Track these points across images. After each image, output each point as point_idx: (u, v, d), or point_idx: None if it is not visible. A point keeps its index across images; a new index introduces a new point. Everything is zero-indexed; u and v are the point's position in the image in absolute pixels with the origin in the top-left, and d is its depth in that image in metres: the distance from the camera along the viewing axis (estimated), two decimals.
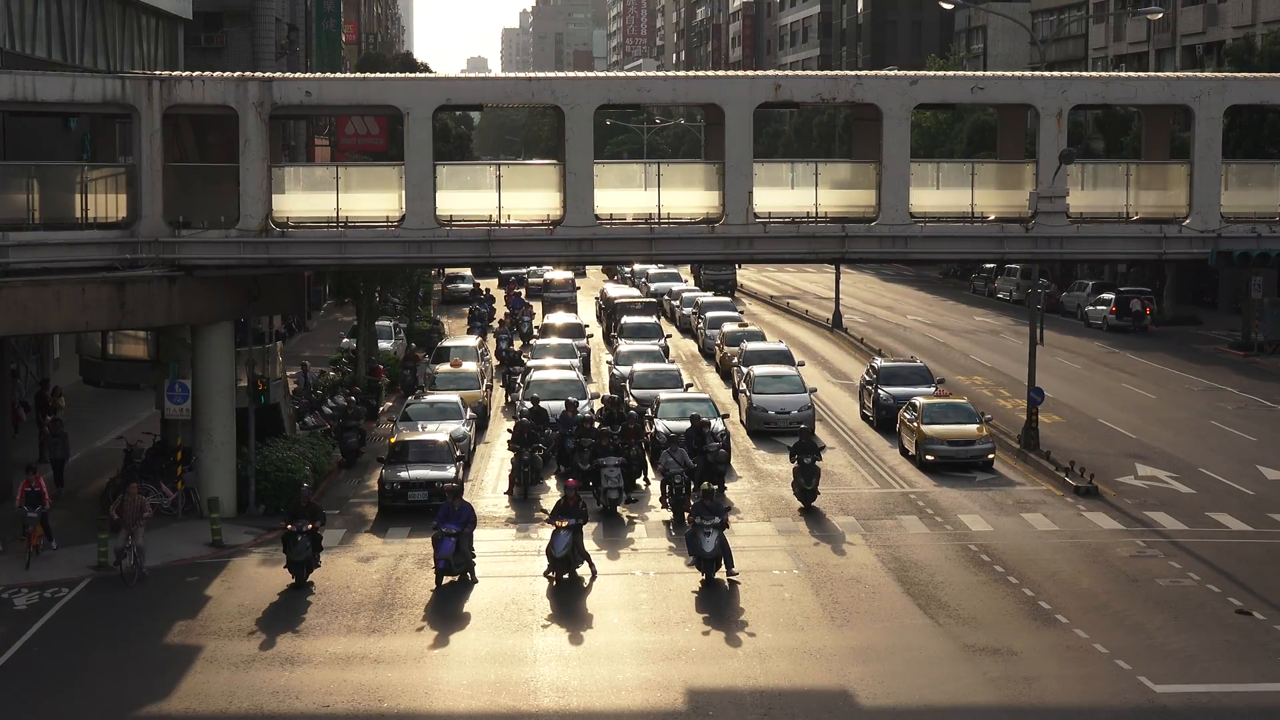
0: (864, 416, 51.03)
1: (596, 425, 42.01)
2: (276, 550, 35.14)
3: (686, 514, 34.82)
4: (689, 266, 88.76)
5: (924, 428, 43.80)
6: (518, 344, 64.42)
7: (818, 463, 38.90)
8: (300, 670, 27.16)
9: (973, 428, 43.87)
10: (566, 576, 32.44)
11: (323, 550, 33.09)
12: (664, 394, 47.25)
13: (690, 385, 52.50)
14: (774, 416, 48.72)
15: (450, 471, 38.26)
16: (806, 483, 38.76)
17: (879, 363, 53.31)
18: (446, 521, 32.56)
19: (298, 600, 31.23)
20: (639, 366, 53.37)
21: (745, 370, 52.63)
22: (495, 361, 61.87)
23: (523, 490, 40.15)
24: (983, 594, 31.60)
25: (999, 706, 25.51)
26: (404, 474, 38.33)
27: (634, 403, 48.16)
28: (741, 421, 49.27)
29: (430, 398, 47.10)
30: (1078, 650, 28.01)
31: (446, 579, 32.32)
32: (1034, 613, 30.30)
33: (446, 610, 30.70)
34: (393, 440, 40.96)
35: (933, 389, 49.19)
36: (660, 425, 44.37)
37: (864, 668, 27.10)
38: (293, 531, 32.34)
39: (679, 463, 38.12)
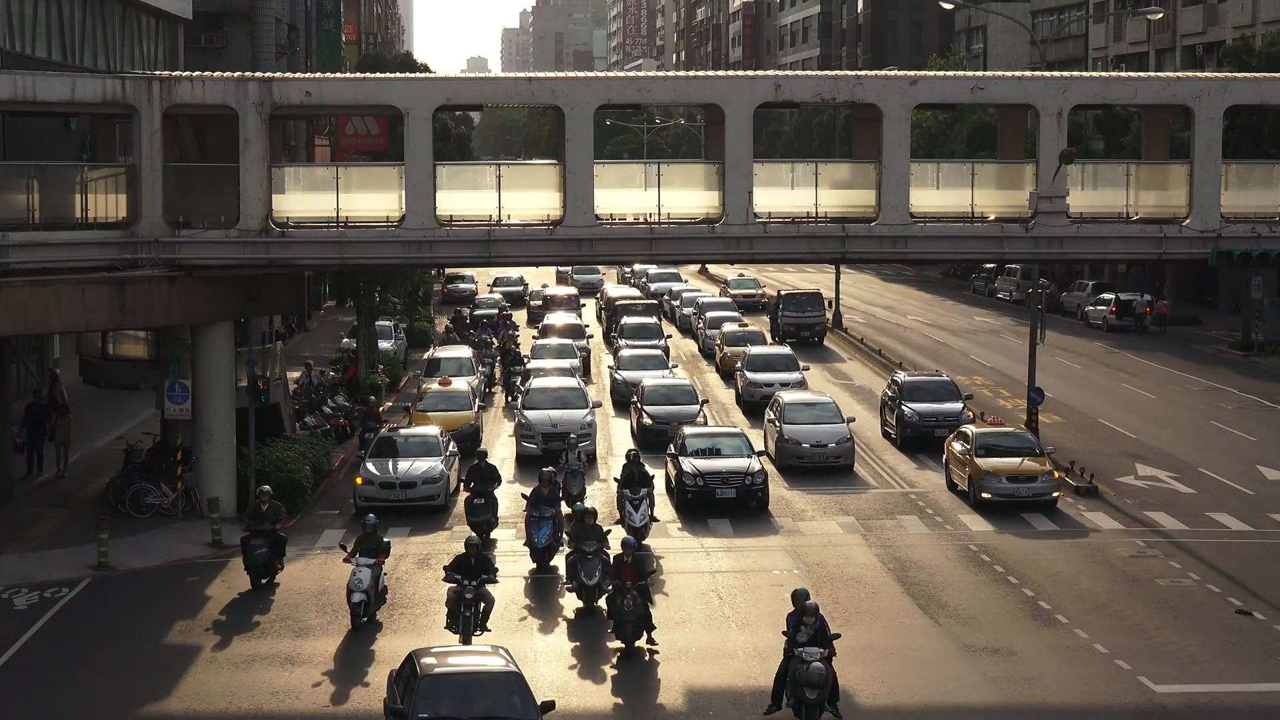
0: (885, 434, 47.50)
1: (598, 518, 31.62)
2: None
3: None
4: (767, 316, 74.21)
5: (979, 461, 38.60)
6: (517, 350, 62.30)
7: None
8: (300, 670, 27.16)
9: (1034, 461, 38.84)
10: None
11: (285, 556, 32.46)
12: (689, 429, 40.96)
13: (705, 402, 48.95)
14: (809, 451, 42.76)
15: None
16: None
17: (901, 376, 49.12)
18: None
19: (299, 601, 31.20)
20: (649, 381, 49.01)
21: (749, 377, 51.00)
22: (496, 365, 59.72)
23: (465, 639, 27.87)
24: (983, 594, 31.60)
25: (999, 706, 25.52)
26: None
27: (642, 460, 37.19)
28: (769, 455, 42.70)
29: (411, 430, 41.80)
30: (1078, 650, 28.01)
31: None
32: (1034, 613, 30.30)
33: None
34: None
35: (960, 404, 46.10)
36: (686, 465, 38.47)
37: (864, 668, 27.10)
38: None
39: None
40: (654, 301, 78.31)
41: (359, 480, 38.61)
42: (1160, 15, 62.91)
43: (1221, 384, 57.99)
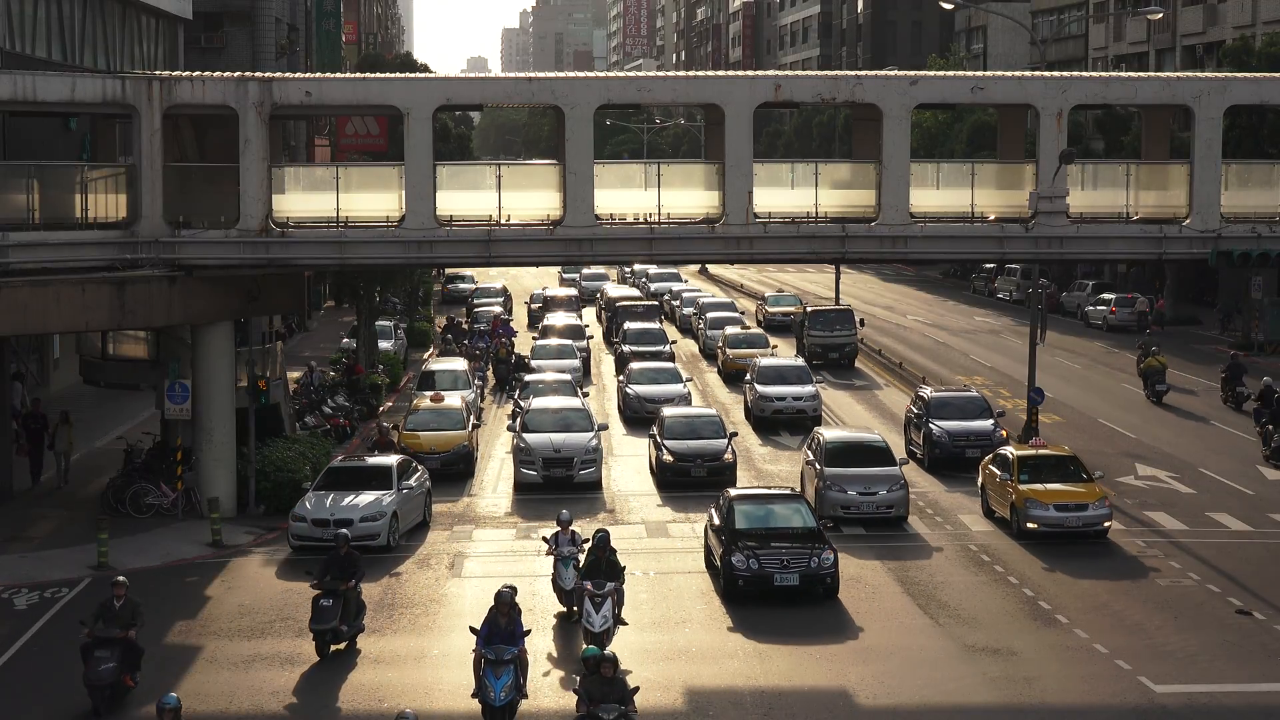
0: (910, 454, 44.13)
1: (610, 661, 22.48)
2: (277, 550, 35.19)
3: None
4: (793, 334, 67.94)
5: (1022, 488, 35.70)
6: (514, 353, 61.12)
7: None
8: (300, 670, 27.15)
9: (1083, 487, 35.97)
10: None
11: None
12: (735, 491, 34.00)
13: (734, 435, 43.43)
14: (856, 499, 37.08)
15: None
16: None
17: (928, 392, 45.63)
18: None
19: (299, 601, 31.17)
20: (669, 413, 44.02)
21: (759, 390, 49.19)
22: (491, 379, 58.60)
23: None
24: (983, 594, 31.60)
25: (999, 706, 25.51)
26: None
27: (611, 544, 28.73)
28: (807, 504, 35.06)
29: (373, 461, 37.48)
30: (1078, 650, 28.01)
31: None
32: (1034, 613, 30.30)
33: (447, 610, 30.69)
34: None
35: (992, 422, 43.58)
36: (737, 543, 31.25)
37: (864, 668, 27.10)
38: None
39: None
40: (655, 302, 78.18)
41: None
42: (1160, 15, 62.90)
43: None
